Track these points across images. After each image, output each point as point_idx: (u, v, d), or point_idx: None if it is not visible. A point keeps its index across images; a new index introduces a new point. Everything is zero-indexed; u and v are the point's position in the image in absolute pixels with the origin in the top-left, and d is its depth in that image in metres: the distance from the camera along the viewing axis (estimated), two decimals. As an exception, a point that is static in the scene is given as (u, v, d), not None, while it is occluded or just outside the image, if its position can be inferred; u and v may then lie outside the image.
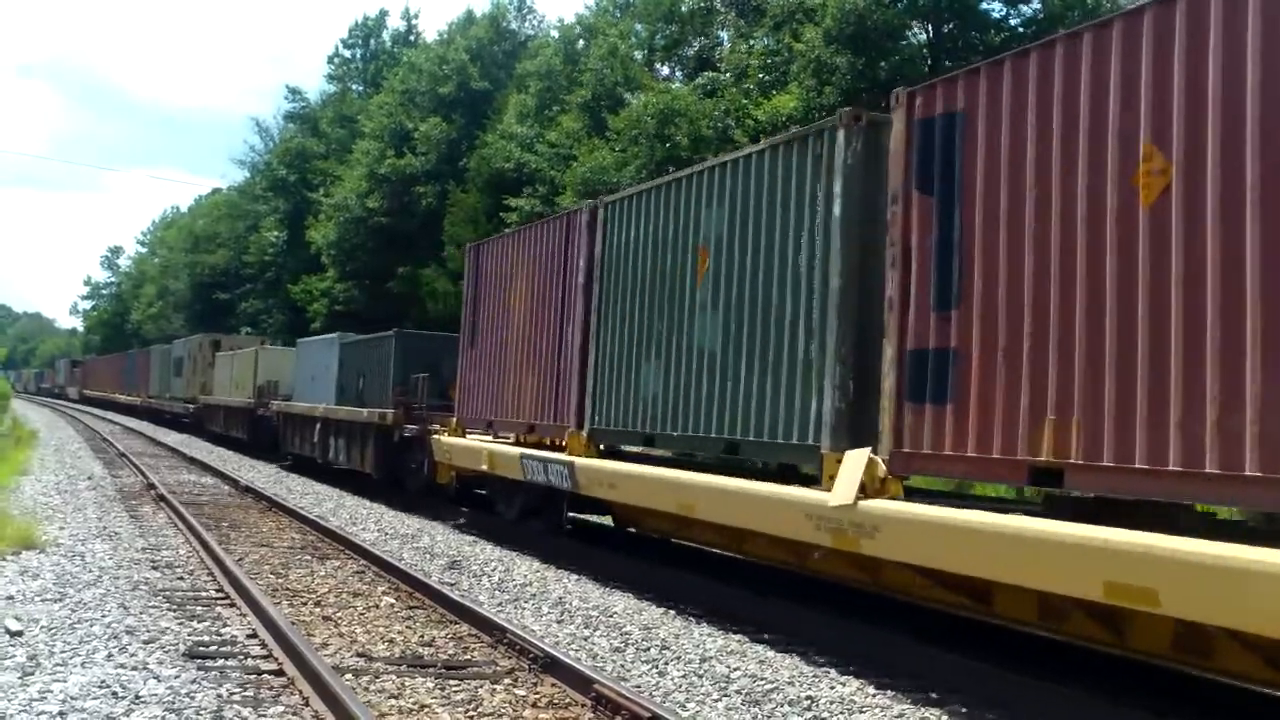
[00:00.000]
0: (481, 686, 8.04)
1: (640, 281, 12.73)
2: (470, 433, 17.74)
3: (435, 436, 18.60)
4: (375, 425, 21.69)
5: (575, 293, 14.19)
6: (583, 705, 7.62)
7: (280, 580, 12.18)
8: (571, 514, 16.20)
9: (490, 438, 16.93)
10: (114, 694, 7.34)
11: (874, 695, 8.25)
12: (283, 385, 31.75)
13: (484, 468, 16.13)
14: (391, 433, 21.00)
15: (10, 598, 10.23)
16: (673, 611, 11.19)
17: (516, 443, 15.92)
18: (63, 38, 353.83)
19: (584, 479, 13.11)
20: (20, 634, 8.82)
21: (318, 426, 26.00)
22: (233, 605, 10.58)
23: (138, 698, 7.30)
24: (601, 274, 13.58)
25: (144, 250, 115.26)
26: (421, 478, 20.31)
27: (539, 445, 15.24)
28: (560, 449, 14.20)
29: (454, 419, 18.24)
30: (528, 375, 15.61)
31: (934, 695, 8.28)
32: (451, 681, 8.15)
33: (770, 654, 9.48)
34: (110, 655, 8.35)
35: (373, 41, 69.77)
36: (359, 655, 8.86)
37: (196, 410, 43.20)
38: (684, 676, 8.61)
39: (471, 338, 17.94)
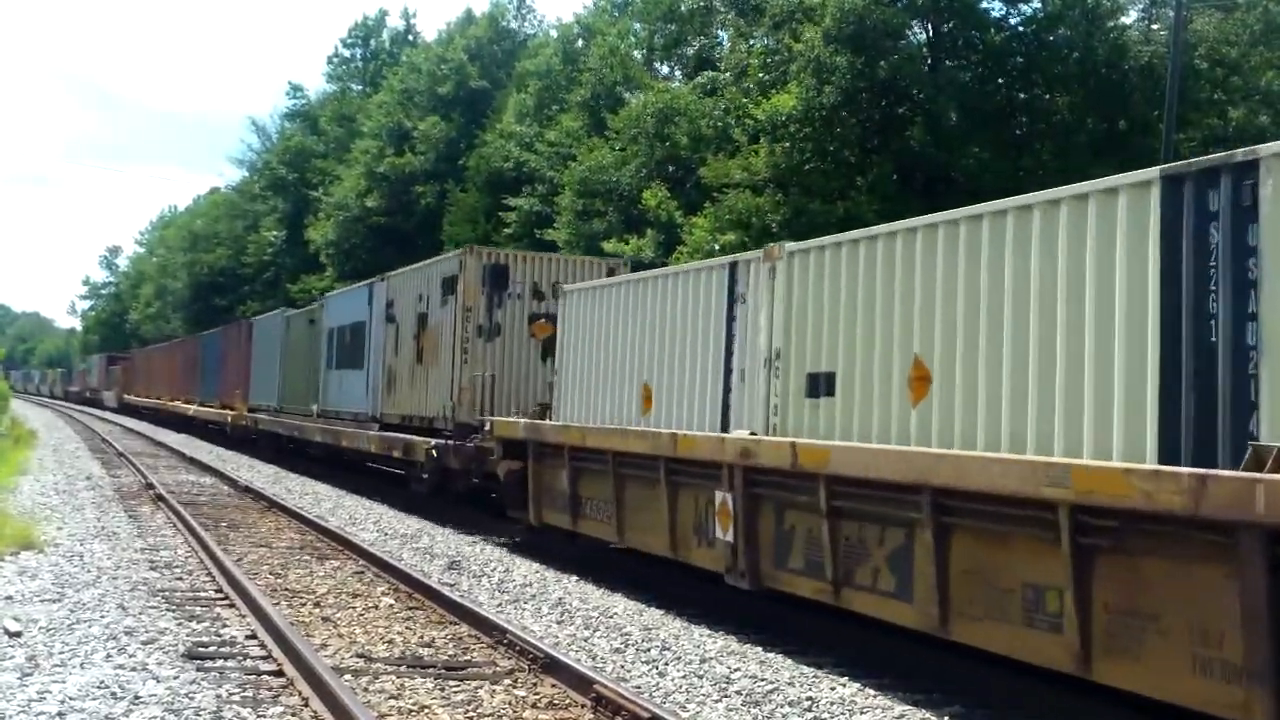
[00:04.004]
0: (481, 687, 8.03)
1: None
2: None
3: None
4: None
5: None
6: (583, 706, 7.61)
7: (279, 580, 12.17)
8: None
9: None
10: (113, 695, 7.33)
11: (874, 695, 8.24)
12: None
13: None
14: None
15: (9, 598, 10.22)
16: (673, 612, 11.18)
17: None
18: (63, 38, 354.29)
19: None
20: (19, 634, 8.81)
21: None
22: (232, 606, 10.56)
23: (137, 698, 7.29)
24: None
25: (142, 250, 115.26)
26: None
27: None
28: None
29: None
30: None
31: (934, 695, 8.27)
32: (451, 682, 8.14)
33: (770, 654, 9.47)
34: (109, 656, 8.34)
35: (372, 41, 69.82)
36: (358, 656, 8.85)
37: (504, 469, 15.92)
38: (684, 677, 8.60)
39: None
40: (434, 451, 17.71)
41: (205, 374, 41.87)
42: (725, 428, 11.11)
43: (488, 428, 16.10)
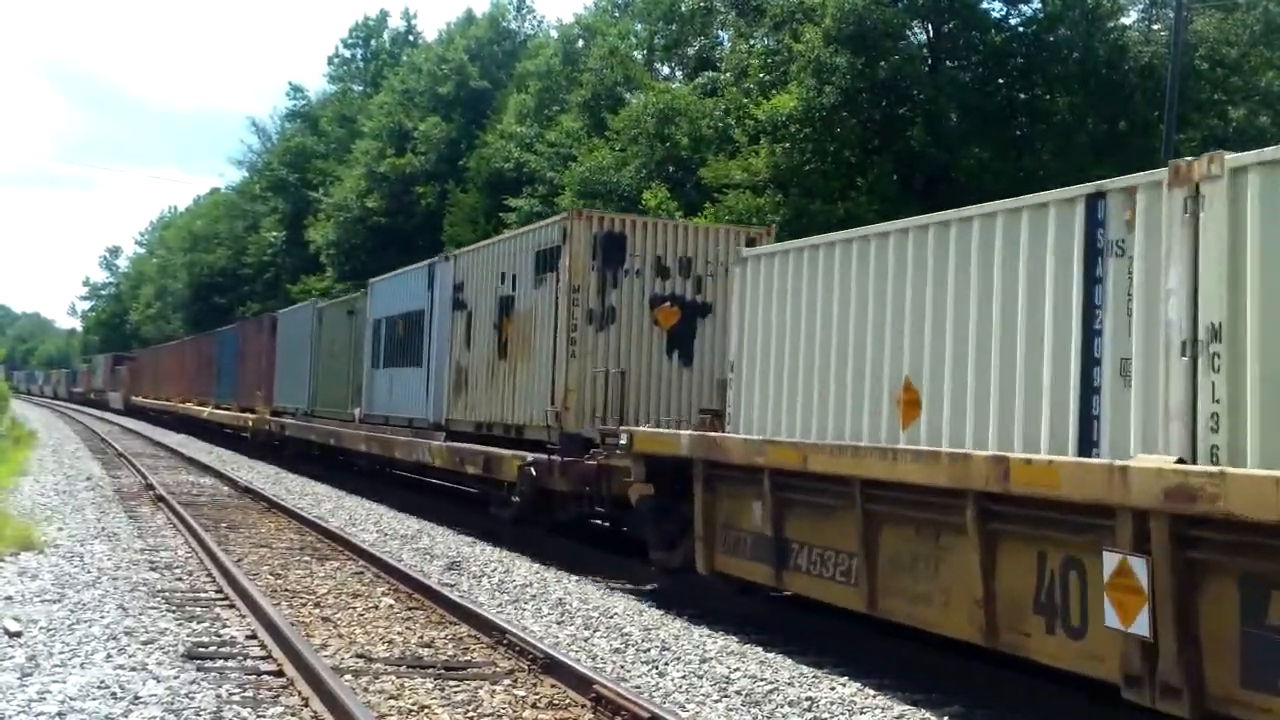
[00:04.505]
0: (481, 687, 8.03)
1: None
2: None
3: None
4: None
5: None
6: (582, 706, 7.60)
7: (279, 581, 12.17)
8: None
9: None
10: (113, 695, 7.33)
11: (874, 695, 8.23)
12: None
13: None
14: None
15: (9, 598, 10.22)
16: (672, 612, 11.17)
17: None
18: (63, 37, 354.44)
19: None
20: (19, 635, 8.81)
21: None
22: (232, 606, 10.56)
23: (137, 698, 7.29)
24: None
25: (142, 251, 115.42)
26: None
27: None
28: None
29: None
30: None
31: (934, 695, 8.26)
32: (451, 682, 8.14)
33: (770, 654, 9.46)
34: (109, 656, 8.34)
35: (373, 41, 69.88)
36: (358, 656, 8.85)
37: None
38: (684, 677, 8.59)
39: None
40: (532, 469, 14.17)
41: (221, 374, 38.77)
42: (1086, 448, 7.28)
43: (622, 440, 12.37)
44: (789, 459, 9.49)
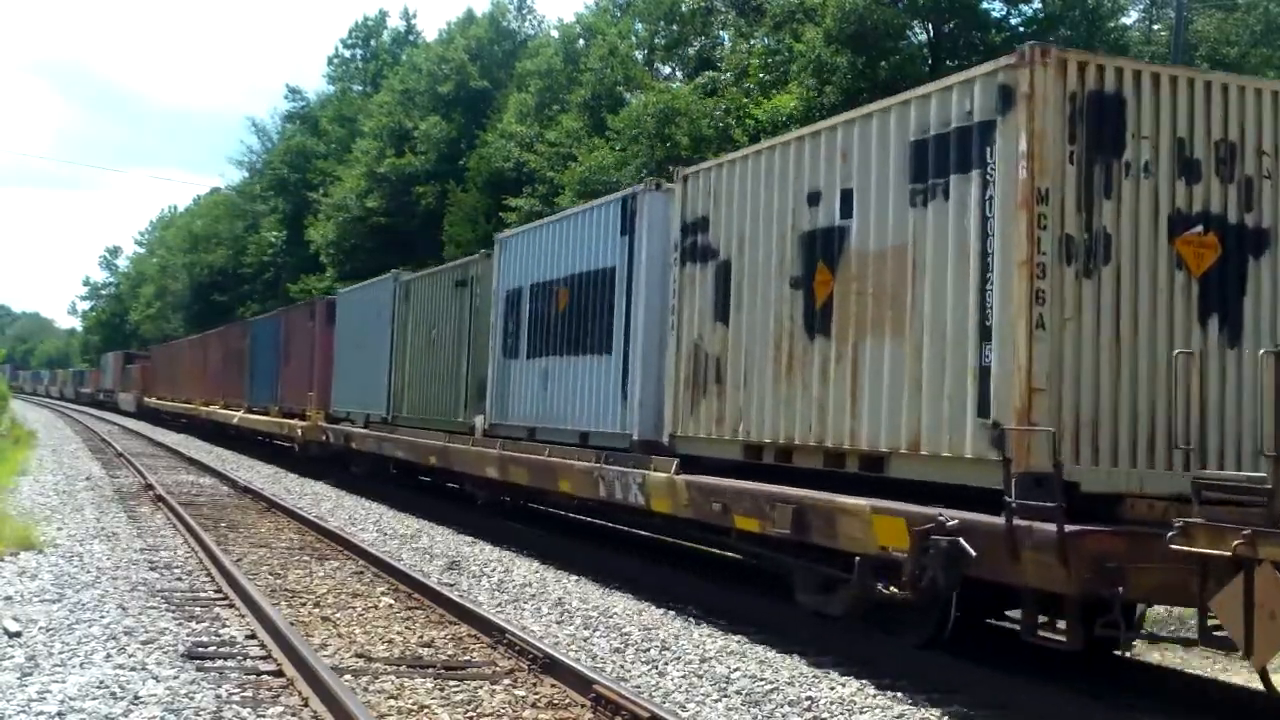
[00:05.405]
0: (481, 687, 8.02)
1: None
2: None
3: None
4: None
5: None
6: (582, 706, 7.60)
7: (279, 581, 12.16)
8: None
9: None
10: (113, 695, 7.33)
11: (874, 695, 8.23)
12: None
13: None
14: None
15: (9, 598, 10.22)
16: (673, 612, 11.16)
17: None
18: (62, 36, 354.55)
19: None
20: (19, 635, 8.81)
21: None
22: (231, 606, 10.56)
23: (136, 698, 7.29)
24: None
25: (142, 250, 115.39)
26: None
27: None
28: None
29: None
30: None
31: (934, 695, 8.26)
32: (451, 682, 8.13)
33: (770, 654, 9.46)
34: (109, 656, 8.34)
35: (373, 41, 69.86)
36: (358, 656, 8.85)
37: None
38: (684, 677, 8.59)
39: None
40: (959, 541, 7.64)
41: (256, 372, 32.61)
42: None
43: None
44: None
